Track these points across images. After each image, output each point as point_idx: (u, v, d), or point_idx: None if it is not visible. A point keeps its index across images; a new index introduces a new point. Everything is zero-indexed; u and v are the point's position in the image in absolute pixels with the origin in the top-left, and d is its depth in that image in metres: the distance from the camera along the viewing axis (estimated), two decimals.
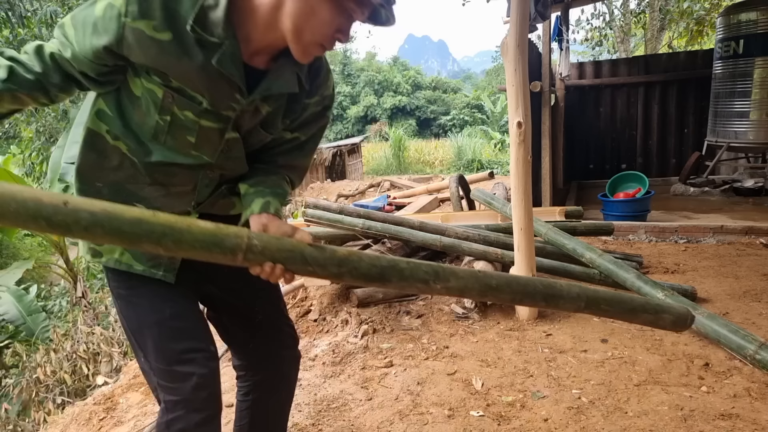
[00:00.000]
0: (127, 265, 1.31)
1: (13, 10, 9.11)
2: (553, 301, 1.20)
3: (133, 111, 1.22)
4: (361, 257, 1.10)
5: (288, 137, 1.37)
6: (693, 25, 12.01)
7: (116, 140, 1.24)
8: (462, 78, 60.35)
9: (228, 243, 1.01)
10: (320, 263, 1.07)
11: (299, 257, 1.06)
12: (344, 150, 17.82)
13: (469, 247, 3.28)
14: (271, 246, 1.05)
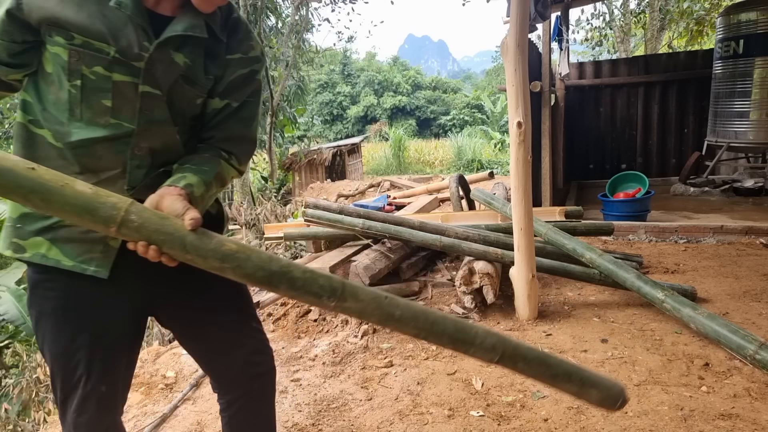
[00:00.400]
0: (55, 261, 1.21)
1: None
2: (462, 346, 1.12)
3: (48, 90, 1.18)
4: (250, 256, 1.01)
5: (219, 105, 1.31)
6: (693, 25, 12.02)
7: (40, 129, 1.20)
8: (462, 78, 60.37)
9: (102, 212, 0.93)
10: (201, 253, 0.99)
11: (178, 243, 0.98)
12: (344, 150, 17.82)
13: (469, 247, 3.28)
14: (150, 225, 0.97)
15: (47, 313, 1.24)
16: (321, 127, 32.01)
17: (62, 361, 1.26)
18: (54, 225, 1.20)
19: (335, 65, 35.68)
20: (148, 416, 2.43)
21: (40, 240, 1.21)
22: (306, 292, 1.03)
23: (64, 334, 1.24)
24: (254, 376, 1.45)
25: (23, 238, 1.21)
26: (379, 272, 3.33)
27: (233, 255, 1.00)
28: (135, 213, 0.96)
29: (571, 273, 3.29)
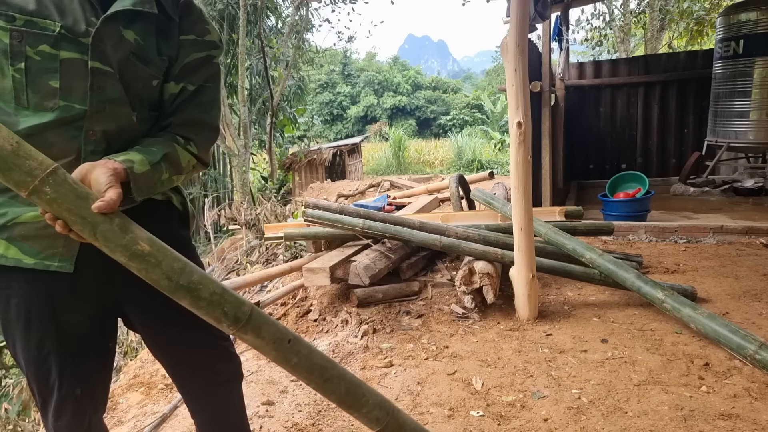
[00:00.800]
0: (16, 260, 1.17)
1: None
2: (348, 408, 1.14)
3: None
4: (160, 262, 0.96)
5: (176, 90, 1.27)
6: (693, 25, 12.02)
7: None
8: (462, 78, 60.40)
9: (15, 176, 0.86)
10: (110, 246, 0.95)
11: (89, 228, 0.93)
12: (344, 150, 17.82)
13: (469, 247, 3.28)
14: (63, 202, 0.90)
15: (12, 319, 1.21)
16: (321, 127, 32.02)
17: (34, 367, 1.24)
18: (8, 223, 1.16)
19: (335, 65, 35.68)
20: (148, 416, 2.43)
21: (1, 242, 1.17)
22: (207, 314, 1.00)
23: (31, 341, 1.22)
24: (217, 385, 1.43)
25: None
26: (379, 272, 3.33)
27: (142, 256, 0.95)
28: (51, 185, 0.89)
29: (571, 273, 3.29)
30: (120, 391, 2.78)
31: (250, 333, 1.02)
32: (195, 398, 1.44)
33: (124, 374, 3.08)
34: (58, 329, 1.22)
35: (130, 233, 0.95)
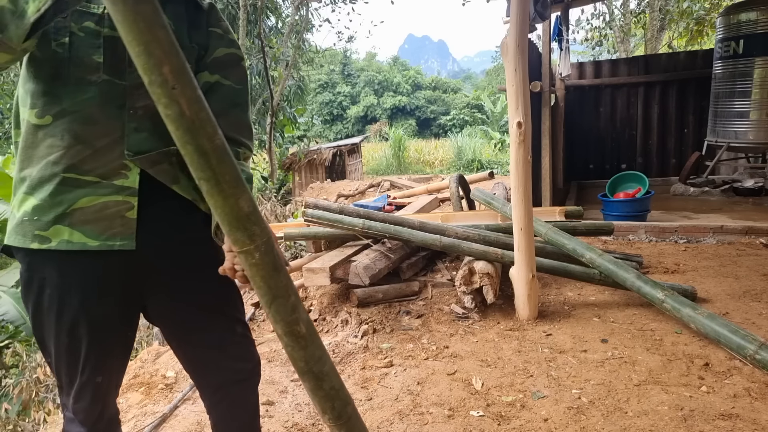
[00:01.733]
0: (81, 244, 1.20)
1: None
2: None
3: (28, 64, 1.18)
4: (307, 346, 1.02)
5: (212, 79, 1.32)
6: (693, 25, 12.01)
7: (26, 112, 1.19)
8: (462, 78, 60.40)
9: (238, 233, 0.94)
10: (277, 316, 1.01)
11: (268, 298, 1.00)
12: (344, 150, 17.82)
13: (469, 247, 3.28)
14: (262, 269, 0.99)
15: (45, 308, 1.24)
16: (321, 127, 32.01)
17: (64, 355, 1.27)
18: (67, 210, 1.20)
19: (335, 65, 35.68)
20: (148, 416, 2.43)
21: (60, 227, 1.20)
22: (318, 402, 1.06)
23: (63, 329, 1.25)
24: (234, 382, 1.43)
25: (45, 229, 1.20)
26: (379, 272, 3.33)
27: (297, 336, 1.01)
28: (261, 252, 0.95)
29: (571, 273, 3.29)
30: (120, 391, 2.77)
31: (344, 430, 1.08)
32: (211, 395, 1.45)
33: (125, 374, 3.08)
34: (88, 318, 1.25)
35: (297, 313, 1.01)
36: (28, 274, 1.25)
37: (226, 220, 0.92)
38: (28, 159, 1.21)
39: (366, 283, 3.25)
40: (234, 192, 0.90)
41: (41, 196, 1.19)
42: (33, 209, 1.20)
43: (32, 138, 1.20)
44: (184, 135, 0.86)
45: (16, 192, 1.24)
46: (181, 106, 0.83)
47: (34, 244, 1.20)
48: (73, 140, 1.18)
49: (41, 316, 1.26)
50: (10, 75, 8.84)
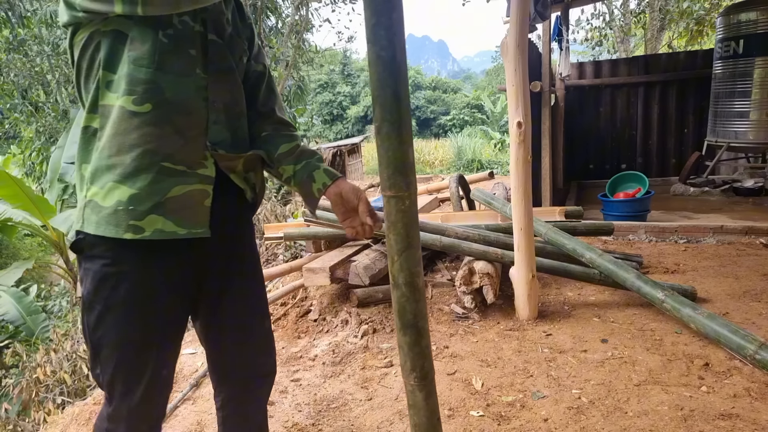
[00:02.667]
0: (172, 232, 1.21)
1: (13, 10, 9.11)
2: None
3: (124, 50, 1.17)
4: (418, 301, 1.13)
5: (260, 69, 1.43)
6: (693, 25, 12.01)
7: (120, 97, 1.17)
8: (462, 78, 60.38)
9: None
10: (406, 263, 1.16)
11: (402, 246, 1.19)
12: (344, 150, 17.82)
13: (469, 247, 3.28)
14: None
15: (117, 304, 1.21)
16: (321, 127, 31.96)
17: (132, 352, 1.24)
18: (163, 200, 1.21)
19: (335, 65, 35.66)
20: None
21: (155, 216, 1.20)
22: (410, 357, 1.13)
23: (135, 324, 1.23)
24: (260, 377, 1.47)
25: (140, 219, 1.19)
26: (379, 272, 3.33)
27: (414, 288, 1.14)
28: (411, 201, 1.13)
29: (571, 273, 3.29)
30: None
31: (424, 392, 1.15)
32: (229, 389, 1.47)
33: None
34: (164, 309, 1.26)
35: (420, 267, 1.13)
36: (108, 269, 1.21)
37: (392, 164, 1.07)
38: (118, 146, 1.17)
39: (366, 283, 3.25)
40: (408, 141, 1.05)
41: (139, 185, 1.18)
42: (129, 198, 1.18)
43: (125, 125, 1.17)
44: (388, 77, 1.01)
45: (98, 180, 1.19)
46: (396, 52, 1.01)
47: (128, 234, 1.18)
48: (172, 130, 1.20)
49: (112, 313, 1.22)
50: (10, 75, 8.84)
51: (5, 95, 9.06)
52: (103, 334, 1.23)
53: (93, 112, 1.20)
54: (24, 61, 8.60)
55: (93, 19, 1.16)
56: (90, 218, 1.19)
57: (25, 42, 8.78)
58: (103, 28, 1.16)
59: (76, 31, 1.20)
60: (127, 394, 1.25)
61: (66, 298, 7.63)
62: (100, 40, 1.17)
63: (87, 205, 1.20)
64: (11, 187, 5.68)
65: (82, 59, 1.20)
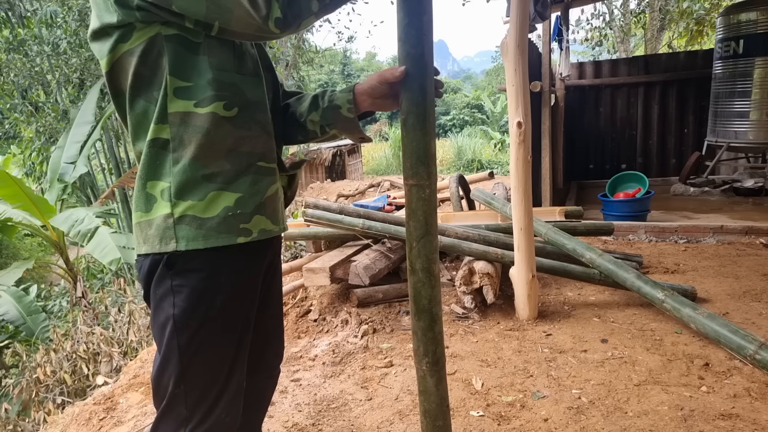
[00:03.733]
0: (270, 231, 1.24)
1: (13, 10, 9.11)
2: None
3: (205, 58, 1.13)
4: (434, 287, 1.17)
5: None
6: (693, 25, 12.01)
7: (206, 107, 1.13)
8: (462, 78, 60.35)
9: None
10: (423, 251, 1.19)
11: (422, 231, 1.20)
12: (344, 150, 17.82)
13: (469, 247, 3.28)
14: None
15: (214, 317, 1.18)
16: None
17: (225, 365, 1.21)
18: (263, 200, 1.23)
19: (335, 65, 35.66)
20: (148, 416, 2.43)
21: (259, 217, 1.21)
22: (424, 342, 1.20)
23: (231, 337, 1.21)
24: (266, 377, 1.49)
25: (247, 221, 1.19)
26: (379, 272, 3.33)
27: (430, 274, 1.20)
28: (431, 189, 1.17)
29: (571, 273, 3.29)
30: (120, 391, 2.78)
31: (435, 378, 1.20)
32: (259, 374, 1.47)
33: (124, 374, 3.08)
34: (248, 320, 1.26)
35: (437, 254, 1.19)
36: (206, 282, 1.16)
37: (415, 154, 1.14)
38: (213, 154, 1.15)
39: (366, 283, 3.25)
40: (431, 133, 1.14)
41: (242, 188, 1.18)
42: (236, 203, 1.17)
43: (219, 131, 1.15)
44: (416, 73, 1.12)
45: (192, 193, 1.14)
46: (424, 50, 1.11)
47: (241, 239, 1.18)
48: (260, 130, 1.22)
49: (208, 328, 1.17)
50: (10, 75, 8.84)
51: (5, 95, 9.06)
52: (196, 350, 1.17)
53: (162, 122, 1.12)
54: (24, 61, 8.60)
55: (150, 19, 1.08)
56: (188, 234, 1.13)
57: (25, 42, 8.77)
58: (165, 32, 1.10)
59: (124, 37, 1.11)
60: (219, 410, 1.21)
61: (66, 298, 7.63)
62: (162, 46, 1.10)
63: (180, 222, 1.13)
64: (11, 187, 5.68)
65: (142, 66, 1.11)
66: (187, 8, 1.05)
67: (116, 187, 7.34)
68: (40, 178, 9.10)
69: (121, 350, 4.42)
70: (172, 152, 1.13)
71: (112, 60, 1.13)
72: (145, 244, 1.17)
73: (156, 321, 1.19)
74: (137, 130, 1.16)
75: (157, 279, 1.17)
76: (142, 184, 1.16)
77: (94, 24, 1.13)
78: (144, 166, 1.15)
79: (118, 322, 4.81)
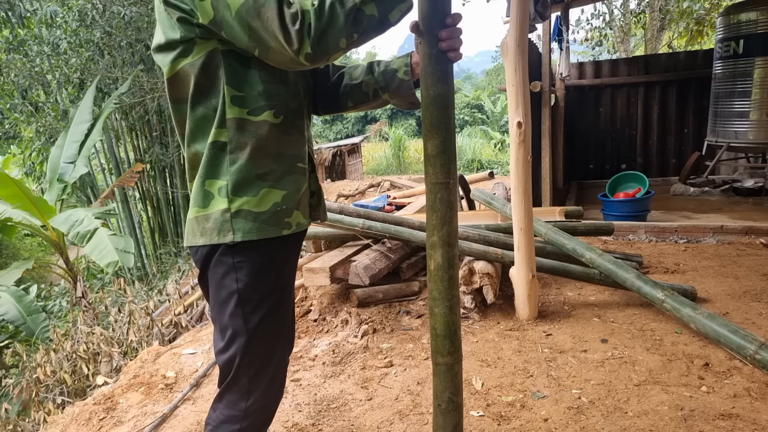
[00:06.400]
0: (303, 224, 1.38)
1: (13, 10, 9.11)
2: None
3: (255, 70, 1.26)
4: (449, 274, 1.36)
5: None
6: (693, 25, 12.01)
7: (259, 116, 1.28)
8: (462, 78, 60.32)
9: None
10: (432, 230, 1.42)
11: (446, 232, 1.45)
12: (344, 150, 17.82)
13: (469, 247, 3.28)
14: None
15: (273, 290, 1.35)
16: (321, 127, 31.98)
17: (281, 337, 1.40)
18: (300, 197, 1.37)
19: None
20: (148, 416, 2.43)
21: (296, 212, 1.36)
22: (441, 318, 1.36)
23: (285, 310, 1.40)
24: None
25: (290, 216, 1.34)
26: (379, 272, 3.33)
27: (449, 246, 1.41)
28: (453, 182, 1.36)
29: (571, 273, 3.29)
30: (120, 391, 2.78)
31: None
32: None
33: (124, 374, 3.08)
34: (292, 298, 1.45)
35: (456, 250, 1.38)
36: (263, 259, 1.32)
37: (436, 153, 1.40)
38: (264, 156, 1.30)
39: (366, 283, 3.25)
40: (452, 132, 1.36)
41: (288, 186, 1.34)
42: (283, 199, 1.33)
43: (270, 137, 1.30)
44: (427, 79, 1.29)
45: (247, 190, 1.29)
46: (430, 59, 1.25)
47: (285, 231, 1.34)
48: (298, 134, 1.37)
49: (269, 301, 1.34)
50: (10, 75, 8.84)
51: (5, 95, 9.06)
52: (259, 322, 1.33)
53: (221, 126, 1.27)
54: (24, 61, 8.59)
55: (209, 36, 1.22)
56: (244, 227, 1.29)
57: (25, 42, 8.77)
58: (222, 47, 1.24)
59: (186, 51, 1.24)
60: (273, 381, 1.39)
61: (66, 298, 7.63)
62: (219, 59, 1.24)
63: (236, 216, 1.28)
64: (11, 187, 5.67)
65: (203, 77, 1.25)
66: (233, 37, 1.19)
67: (116, 186, 7.34)
68: (40, 178, 9.10)
69: (121, 350, 4.42)
70: (229, 153, 1.28)
71: (171, 71, 1.27)
72: (202, 237, 1.31)
73: (218, 298, 1.34)
74: (195, 134, 1.30)
75: (217, 259, 1.31)
76: (201, 182, 1.30)
77: (159, 39, 1.28)
78: (204, 166, 1.29)
79: (118, 322, 4.81)
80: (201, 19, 1.18)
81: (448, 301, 1.32)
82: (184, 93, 1.28)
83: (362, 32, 1.17)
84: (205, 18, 1.17)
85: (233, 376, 1.35)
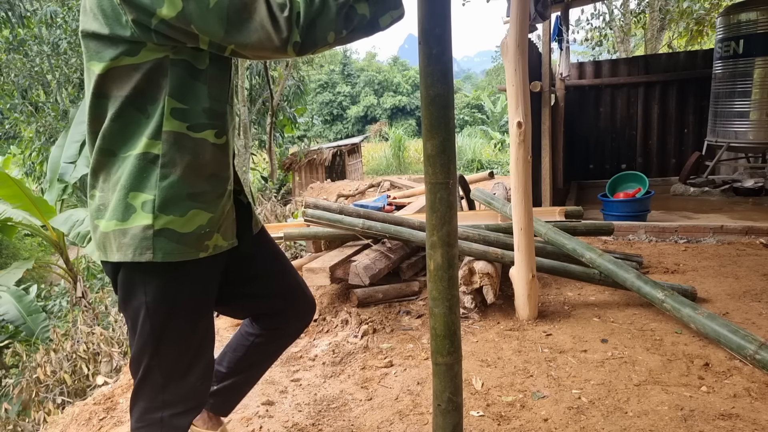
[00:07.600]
0: (221, 246, 1.33)
1: (13, 10, 9.11)
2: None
3: (205, 87, 1.23)
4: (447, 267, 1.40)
5: None
6: (693, 25, 12.01)
7: (200, 132, 1.23)
8: (462, 78, 60.34)
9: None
10: (432, 228, 1.43)
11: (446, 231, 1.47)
12: (344, 150, 17.83)
13: (469, 247, 3.28)
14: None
15: (202, 304, 1.37)
16: (321, 127, 31.98)
17: (208, 340, 1.40)
18: (222, 219, 1.33)
19: (335, 65, 35.66)
20: None
21: (216, 235, 1.31)
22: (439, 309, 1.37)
23: (208, 317, 1.40)
24: (299, 312, 1.67)
25: (209, 239, 1.29)
26: (379, 272, 3.33)
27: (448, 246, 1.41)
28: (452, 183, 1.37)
29: (571, 273, 3.29)
30: (120, 391, 2.78)
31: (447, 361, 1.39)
32: (279, 315, 1.66)
33: (124, 374, 3.08)
34: (211, 306, 1.44)
35: (456, 249, 1.41)
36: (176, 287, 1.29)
37: (436, 153, 1.40)
38: (198, 175, 1.25)
39: (366, 283, 3.25)
40: (452, 133, 1.37)
41: (216, 209, 1.29)
42: (208, 222, 1.28)
43: (207, 156, 1.25)
44: (426, 78, 1.26)
45: (174, 208, 1.22)
46: (430, 59, 1.23)
47: (202, 254, 1.29)
48: (232, 155, 1.35)
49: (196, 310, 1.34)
50: (10, 75, 8.84)
51: (5, 95, 9.06)
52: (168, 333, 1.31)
53: (155, 138, 1.19)
54: (24, 61, 8.60)
55: (164, 43, 1.15)
56: (166, 247, 1.22)
57: (25, 42, 8.78)
58: (174, 56, 1.17)
59: (131, 51, 1.15)
60: (187, 376, 1.37)
61: (66, 298, 7.63)
62: (167, 68, 1.17)
63: (159, 234, 1.21)
64: (11, 187, 5.68)
65: (144, 81, 1.17)
66: (204, 30, 1.10)
67: None
68: (40, 178, 9.10)
69: (121, 350, 4.43)
70: (160, 168, 1.20)
71: (110, 66, 1.16)
72: (118, 252, 1.23)
73: (128, 310, 1.32)
74: (115, 136, 1.20)
75: (128, 273, 1.27)
76: (124, 193, 1.20)
77: (99, 28, 1.14)
78: (129, 177, 1.20)
79: (118, 322, 4.81)
80: (165, 11, 1.07)
81: (448, 301, 1.33)
82: (116, 91, 1.18)
83: (351, 30, 1.15)
84: (172, 11, 1.07)
85: (143, 374, 1.34)
